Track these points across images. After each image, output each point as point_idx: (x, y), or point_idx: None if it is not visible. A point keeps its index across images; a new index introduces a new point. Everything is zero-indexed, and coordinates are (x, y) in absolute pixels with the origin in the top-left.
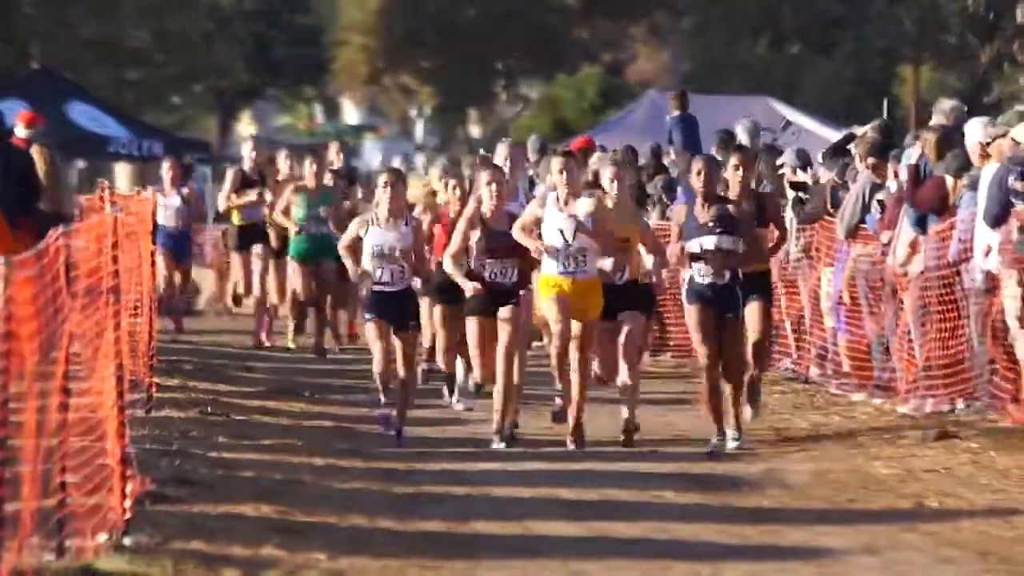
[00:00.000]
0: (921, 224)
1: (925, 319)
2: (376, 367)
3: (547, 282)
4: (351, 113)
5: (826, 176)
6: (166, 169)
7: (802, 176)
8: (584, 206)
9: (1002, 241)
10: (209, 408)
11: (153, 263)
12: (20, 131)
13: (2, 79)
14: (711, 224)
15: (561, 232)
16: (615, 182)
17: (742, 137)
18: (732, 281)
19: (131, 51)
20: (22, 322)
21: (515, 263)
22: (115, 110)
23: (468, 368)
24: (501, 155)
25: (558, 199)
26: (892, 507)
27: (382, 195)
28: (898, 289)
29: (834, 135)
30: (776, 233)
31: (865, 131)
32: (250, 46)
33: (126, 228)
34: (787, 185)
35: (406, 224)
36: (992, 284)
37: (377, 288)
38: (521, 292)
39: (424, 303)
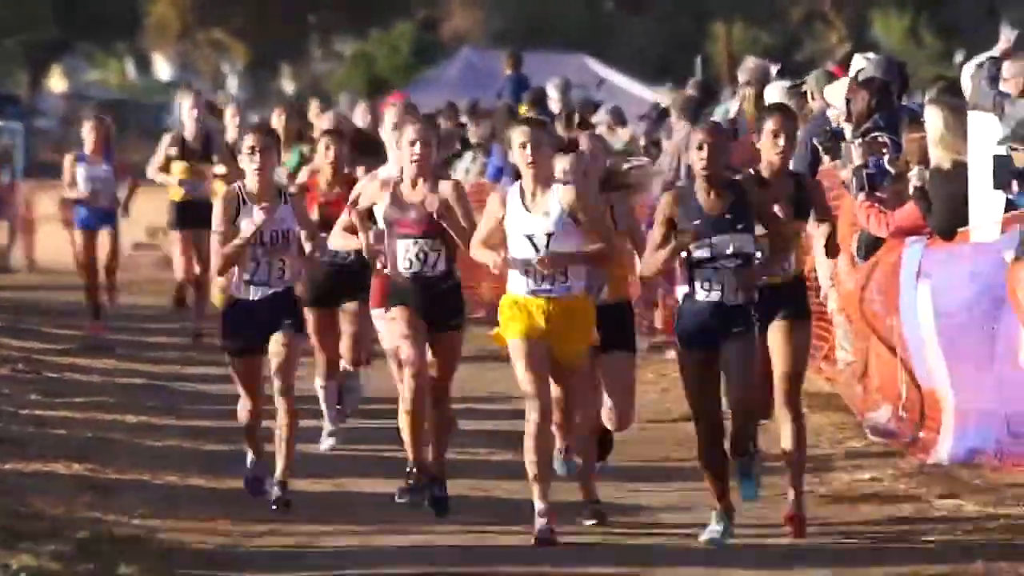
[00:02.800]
0: None
1: None
2: (242, 415)
3: (512, 305)
4: (163, 69)
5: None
6: None
7: (621, 133)
8: (561, 198)
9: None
10: (20, 365)
11: None
12: None
13: None
14: (727, 217)
15: (530, 239)
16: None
17: (553, 95)
18: (747, 302)
19: None
20: None
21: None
22: None
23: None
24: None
25: (522, 192)
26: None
27: (249, 165)
28: None
29: (647, 93)
30: (821, 226)
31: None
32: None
33: None
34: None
35: (284, 201)
36: None
37: (247, 295)
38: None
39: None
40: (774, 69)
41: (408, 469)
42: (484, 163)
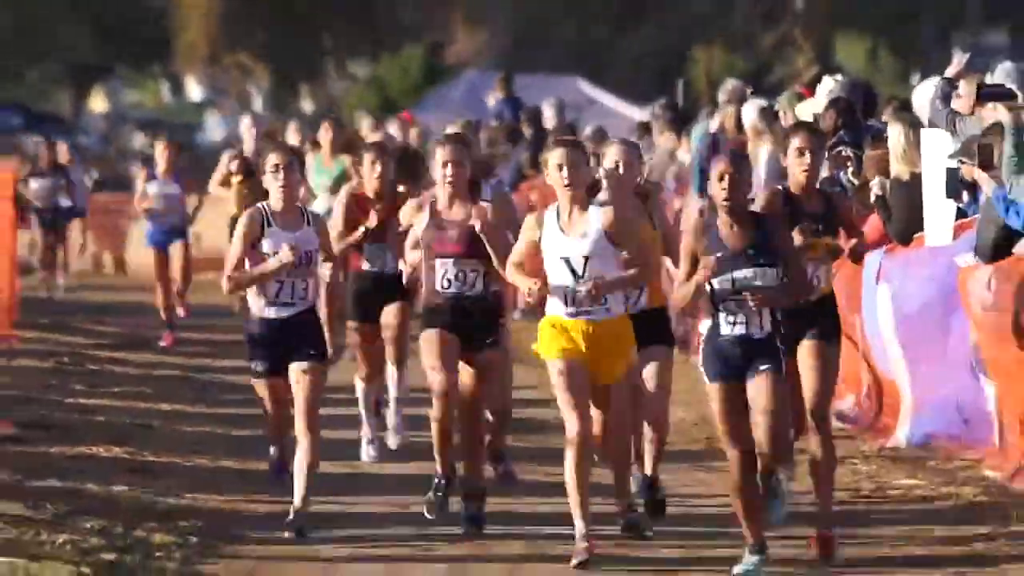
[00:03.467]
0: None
1: None
2: (269, 429)
3: (552, 326)
4: (195, 90)
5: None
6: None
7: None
8: (598, 219)
9: None
10: (66, 359)
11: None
12: None
13: None
14: (749, 252)
15: (567, 262)
16: (621, 167)
17: (548, 113)
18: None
19: None
20: None
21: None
22: None
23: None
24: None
25: (558, 214)
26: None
27: (273, 183)
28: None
29: (636, 113)
30: (849, 242)
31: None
32: (97, 25)
33: None
34: None
35: (308, 223)
36: None
37: (269, 314)
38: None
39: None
40: (749, 91)
41: (436, 481)
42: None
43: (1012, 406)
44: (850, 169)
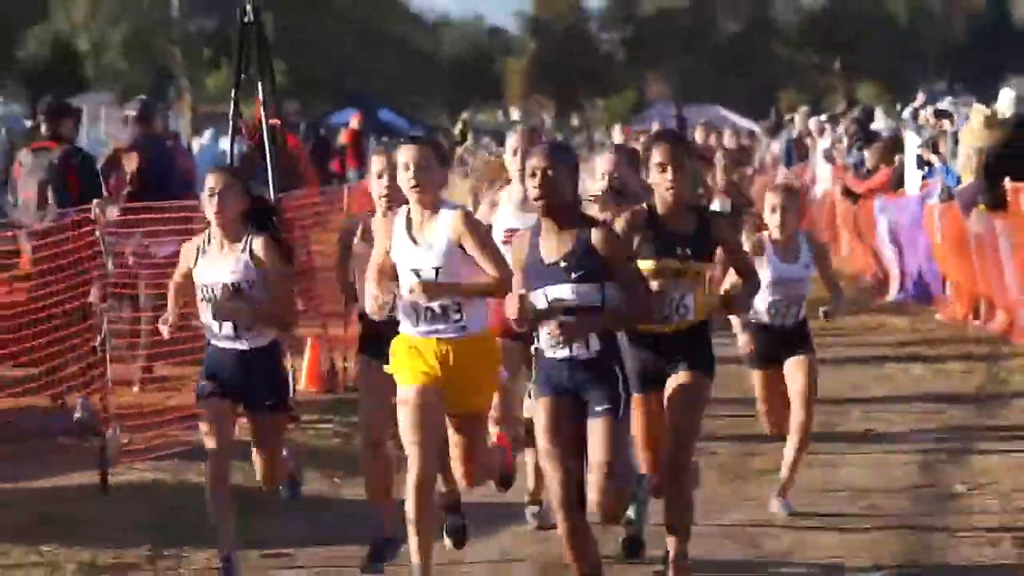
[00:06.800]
0: None
1: None
2: (208, 484)
3: (404, 346)
4: (514, 114)
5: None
6: None
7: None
8: (447, 227)
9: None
10: None
11: None
12: (353, 124)
13: (335, 94)
14: (563, 265)
15: (417, 275)
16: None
17: (698, 135)
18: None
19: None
20: None
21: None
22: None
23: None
24: None
25: (408, 220)
26: None
27: (208, 209)
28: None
29: (755, 126)
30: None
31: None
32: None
33: None
34: None
35: (246, 250)
36: None
37: (218, 342)
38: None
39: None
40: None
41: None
42: None
43: (952, 277)
44: (865, 153)
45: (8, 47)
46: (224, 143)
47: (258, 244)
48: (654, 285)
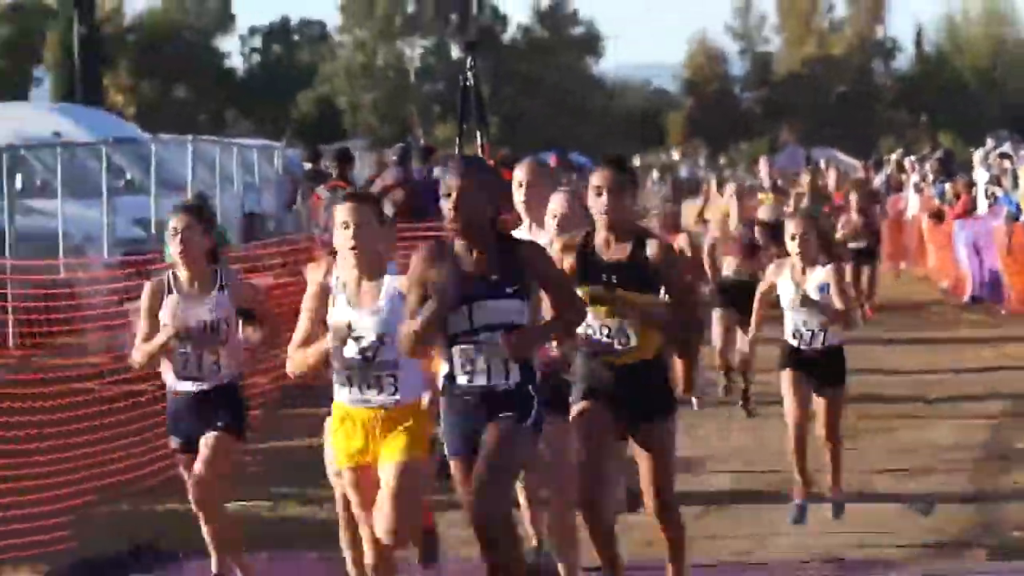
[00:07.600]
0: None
1: None
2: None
3: (341, 420)
4: (675, 155)
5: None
6: None
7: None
8: (393, 289)
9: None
10: None
11: None
12: (551, 162)
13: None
14: (490, 279)
15: (357, 341)
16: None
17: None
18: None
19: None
20: None
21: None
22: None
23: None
24: None
25: (345, 283)
26: None
27: (172, 247)
28: None
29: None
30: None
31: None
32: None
33: None
34: None
35: (220, 287)
36: None
37: (180, 388)
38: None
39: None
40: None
41: None
42: None
43: (1014, 285)
44: (947, 184)
45: (286, 106)
46: None
47: (231, 280)
48: (590, 311)
